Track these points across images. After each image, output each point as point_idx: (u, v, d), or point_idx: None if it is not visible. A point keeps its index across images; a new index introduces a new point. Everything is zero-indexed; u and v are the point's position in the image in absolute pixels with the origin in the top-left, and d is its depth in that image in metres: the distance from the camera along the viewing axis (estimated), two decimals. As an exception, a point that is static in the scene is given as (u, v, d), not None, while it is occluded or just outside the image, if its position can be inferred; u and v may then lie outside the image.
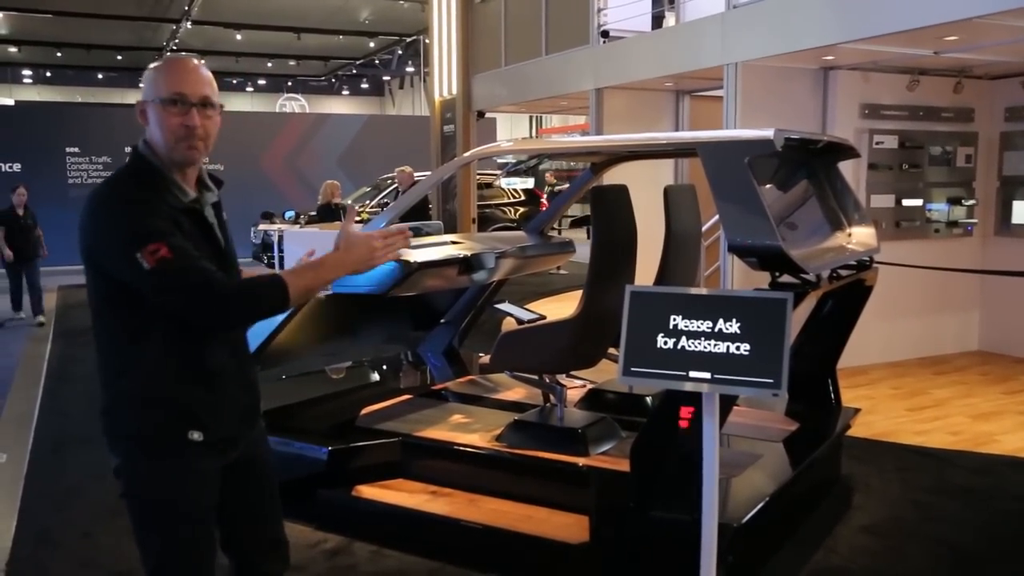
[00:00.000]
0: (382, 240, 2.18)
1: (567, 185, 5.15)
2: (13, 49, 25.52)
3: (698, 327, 2.45)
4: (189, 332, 2.04)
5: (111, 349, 2.08)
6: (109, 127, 16.05)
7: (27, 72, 30.69)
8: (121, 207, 1.99)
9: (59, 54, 25.92)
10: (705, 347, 2.43)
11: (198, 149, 2.07)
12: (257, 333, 5.32)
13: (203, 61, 2.16)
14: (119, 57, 27.35)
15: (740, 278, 6.45)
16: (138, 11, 20.76)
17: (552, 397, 4.25)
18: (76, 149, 15.72)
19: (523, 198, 15.88)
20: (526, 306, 4.79)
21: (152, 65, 2.13)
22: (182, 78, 2.05)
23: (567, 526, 3.51)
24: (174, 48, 23.97)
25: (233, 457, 2.18)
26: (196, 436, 2.06)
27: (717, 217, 4.05)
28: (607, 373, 4.37)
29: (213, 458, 2.12)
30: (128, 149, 2.17)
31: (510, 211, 15.47)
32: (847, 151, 4.27)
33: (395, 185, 12.92)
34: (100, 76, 30.87)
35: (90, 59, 26.24)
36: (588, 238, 3.98)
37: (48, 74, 30.73)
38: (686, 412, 3.00)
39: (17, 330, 9.77)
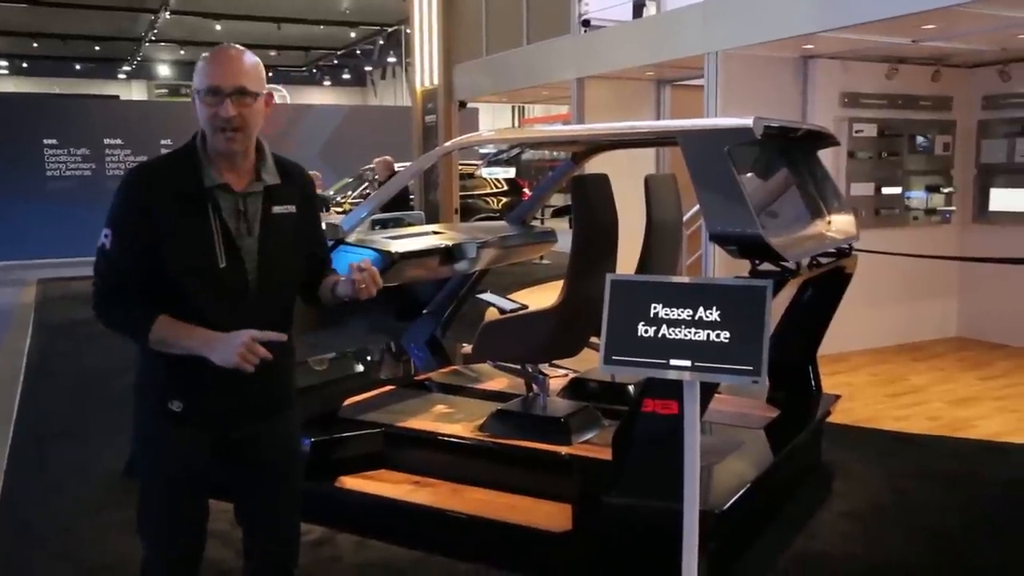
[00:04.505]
0: (250, 351, 2.06)
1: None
2: (-12, 39, 25.20)
3: (678, 315, 2.45)
4: (187, 315, 2.12)
5: None
6: (87, 118, 15.82)
7: (3, 63, 30.28)
8: (122, 185, 2.16)
9: (35, 44, 25.58)
10: (686, 335, 2.44)
11: (235, 140, 2.10)
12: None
13: (246, 50, 2.16)
14: (97, 48, 27.04)
15: (721, 266, 6.47)
16: (116, 1, 20.52)
17: (535, 386, 4.26)
18: (54, 141, 15.51)
19: (505, 188, 15.88)
20: (508, 296, 4.81)
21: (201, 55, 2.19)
22: (216, 69, 2.08)
23: (550, 515, 3.52)
24: (152, 39, 23.72)
25: (228, 438, 2.25)
26: (176, 406, 2.19)
27: (698, 206, 4.06)
28: (589, 362, 4.38)
29: (194, 429, 2.21)
30: (106, 141, 2.20)
31: (492, 201, 15.47)
32: (827, 139, 4.29)
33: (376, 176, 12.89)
34: (78, 67, 30.52)
35: (67, 49, 25.92)
36: (570, 227, 3.98)
37: (24, 65, 30.31)
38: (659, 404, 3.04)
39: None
